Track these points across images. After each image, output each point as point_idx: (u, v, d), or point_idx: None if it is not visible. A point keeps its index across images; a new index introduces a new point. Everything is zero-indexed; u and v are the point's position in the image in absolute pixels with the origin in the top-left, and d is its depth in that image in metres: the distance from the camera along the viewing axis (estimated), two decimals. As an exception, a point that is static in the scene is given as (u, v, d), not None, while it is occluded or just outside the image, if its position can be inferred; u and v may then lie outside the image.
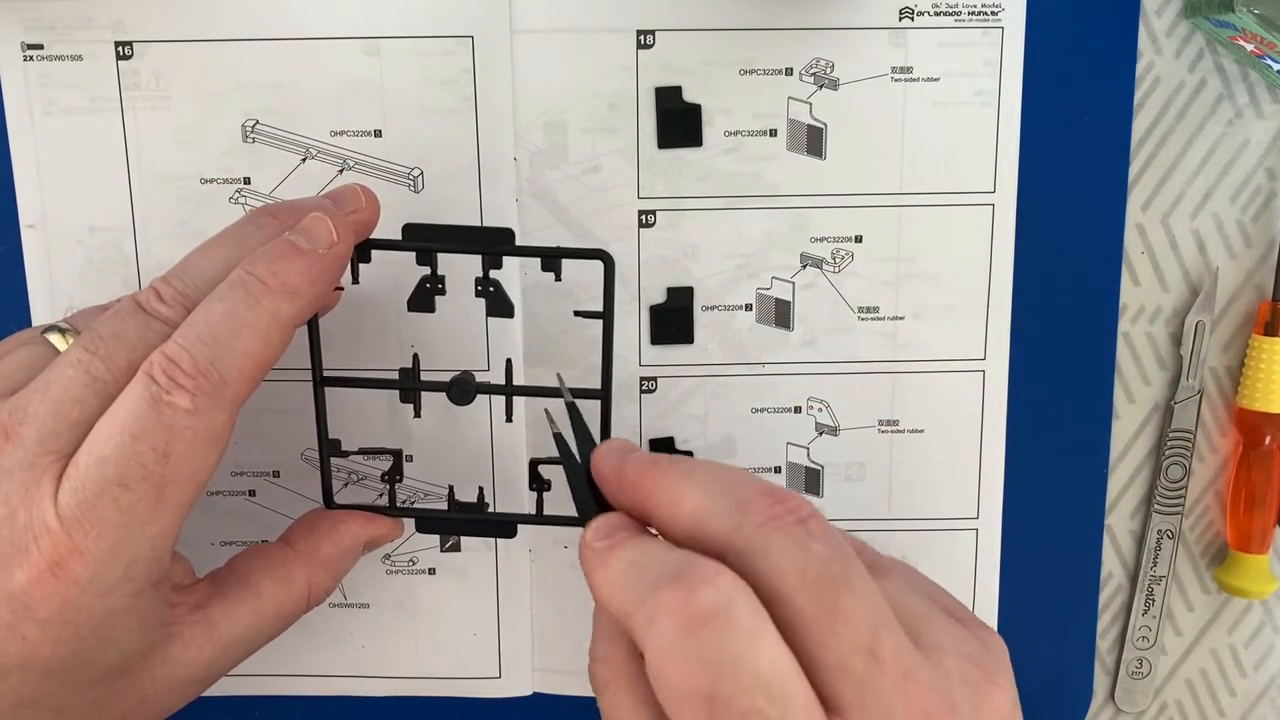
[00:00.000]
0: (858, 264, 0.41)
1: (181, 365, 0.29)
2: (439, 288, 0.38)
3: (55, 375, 0.30)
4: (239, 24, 0.39)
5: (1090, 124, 0.40)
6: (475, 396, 0.37)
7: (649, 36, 0.39)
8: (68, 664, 0.29)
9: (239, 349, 0.30)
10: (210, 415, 0.30)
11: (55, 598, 0.29)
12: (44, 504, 0.29)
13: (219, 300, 0.31)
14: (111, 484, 0.29)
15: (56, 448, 0.29)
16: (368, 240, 0.35)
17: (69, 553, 0.28)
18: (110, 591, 0.29)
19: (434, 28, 0.39)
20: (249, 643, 0.34)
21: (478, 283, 0.38)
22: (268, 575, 0.35)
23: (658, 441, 0.42)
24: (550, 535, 0.43)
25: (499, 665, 0.44)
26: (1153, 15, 0.40)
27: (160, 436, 0.29)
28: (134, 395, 0.29)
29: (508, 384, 0.38)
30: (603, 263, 0.35)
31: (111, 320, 0.31)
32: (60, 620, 0.29)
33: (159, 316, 0.31)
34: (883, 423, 0.42)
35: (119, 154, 0.40)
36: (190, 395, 0.29)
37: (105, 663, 0.30)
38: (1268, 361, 0.42)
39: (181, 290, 0.32)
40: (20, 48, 0.39)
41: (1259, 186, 0.42)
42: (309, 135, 0.40)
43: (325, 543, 0.36)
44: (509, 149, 0.40)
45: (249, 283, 0.31)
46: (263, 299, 0.31)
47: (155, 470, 0.29)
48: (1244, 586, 0.43)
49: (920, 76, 0.40)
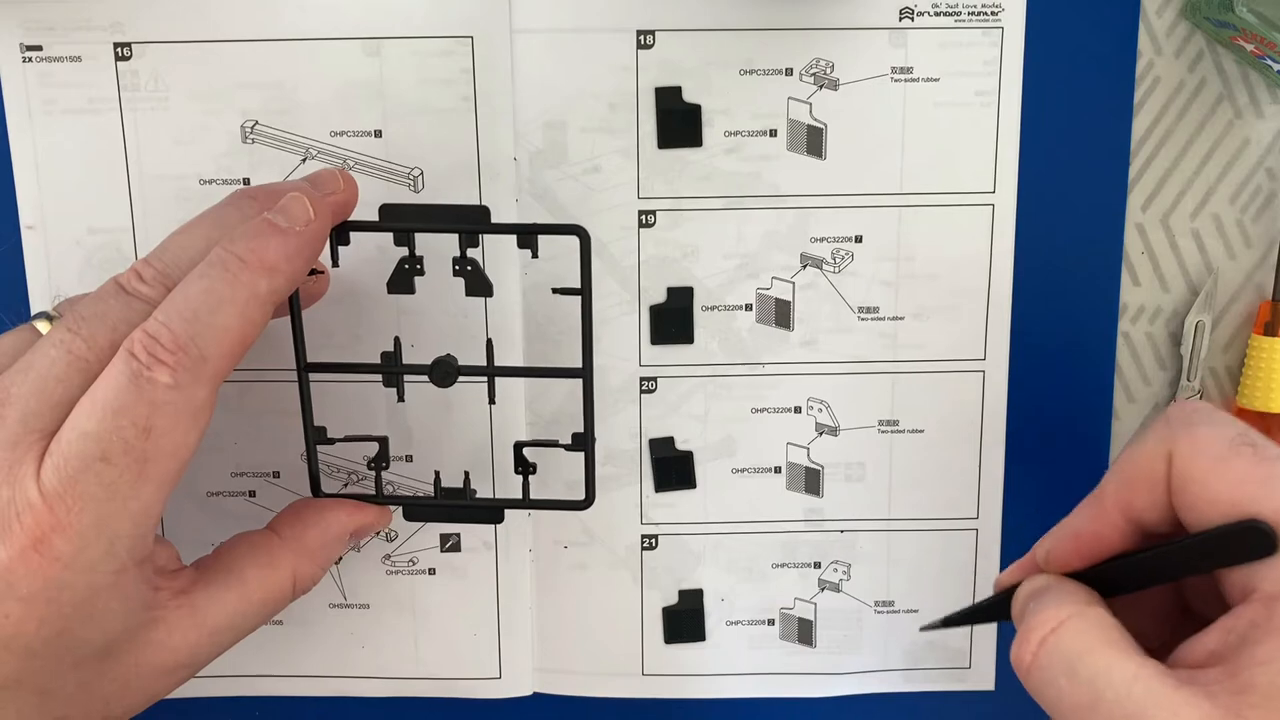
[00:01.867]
0: (858, 264, 0.41)
1: (162, 341, 0.29)
2: (418, 268, 0.38)
3: (38, 356, 0.30)
4: (238, 24, 0.39)
5: (1090, 124, 0.40)
6: (457, 378, 0.37)
7: (649, 36, 0.39)
8: (51, 643, 0.30)
9: (218, 325, 0.30)
10: (191, 390, 0.30)
11: (38, 574, 0.29)
12: (27, 480, 0.29)
13: (198, 278, 0.31)
14: (94, 459, 0.29)
15: (39, 426, 0.29)
16: (346, 222, 0.36)
17: (52, 528, 0.29)
18: (93, 568, 0.29)
19: (434, 28, 0.39)
20: (235, 629, 0.34)
21: (455, 262, 0.38)
22: (253, 562, 0.35)
23: (658, 441, 0.42)
24: (550, 535, 0.43)
25: (499, 665, 0.44)
26: (1153, 15, 0.40)
27: (141, 412, 0.29)
28: (115, 372, 0.29)
29: (489, 365, 0.38)
30: (578, 238, 0.35)
31: (93, 301, 0.31)
32: (44, 597, 0.29)
33: (140, 296, 0.31)
34: (883, 423, 0.42)
35: (118, 154, 0.40)
36: (171, 371, 0.29)
37: (89, 643, 0.30)
38: (1268, 361, 0.42)
39: (162, 270, 0.32)
40: (19, 49, 0.39)
41: (1259, 186, 0.42)
42: (309, 135, 0.39)
43: (312, 530, 0.37)
44: (509, 149, 0.40)
45: (228, 260, 0.31)
46: (241, 276, 0.31)
47: (137, 445, 0.29)
48: (1244, 586, 0.43)
49: (920, 76, 0.40)
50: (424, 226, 0.36)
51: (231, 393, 0.41)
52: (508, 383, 0.41)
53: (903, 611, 0.43)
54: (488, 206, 0.39)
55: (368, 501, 0.38)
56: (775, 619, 0.44)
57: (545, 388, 0.41)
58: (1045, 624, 0.29)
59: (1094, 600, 0.30)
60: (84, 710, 0.31)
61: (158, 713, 0.43)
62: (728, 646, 0.44)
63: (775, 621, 0.44)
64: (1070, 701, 0.28)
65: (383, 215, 0.37)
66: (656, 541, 0.43)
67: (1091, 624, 0.29)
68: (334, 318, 0.40)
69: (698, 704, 0.44)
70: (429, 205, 0.37)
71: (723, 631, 0.44)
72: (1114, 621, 0.29)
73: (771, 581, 0.43)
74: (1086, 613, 0.29)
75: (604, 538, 0.43)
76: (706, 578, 0.43)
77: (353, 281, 0.40)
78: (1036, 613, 0.30)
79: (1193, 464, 0.28)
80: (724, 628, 0.44)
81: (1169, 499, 0.29)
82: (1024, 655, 0.29)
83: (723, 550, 0.43)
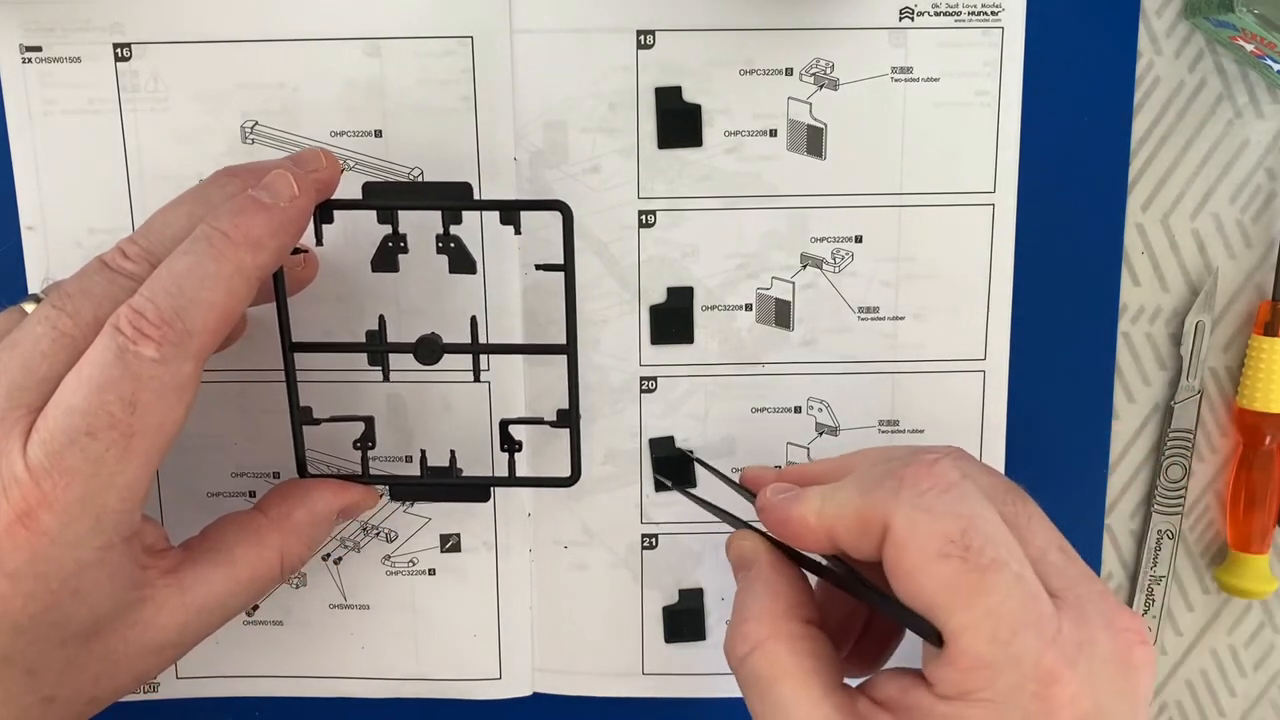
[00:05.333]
0: (858, 264, 0.41)
1: (147, 316, 0.30)
2: (401, 246, 0.38)
3: (24, 333, 0.30)
4: (238, 25, 0.39)
5: (1090, 124, 0.40)
6: (442, 356, 0.37)
7: (649, 36, 0.39)
8: (38, 619, 0.30)
9: (204, 300, 0.31)
10: (176, 365, 0.30)
11: (24, 549, 0.29)
12: (13, 455, 0.29)
13: (183, 254, 0.31)
14: (80, 433, 0.29)
15: (25, 401, 0.29)
16: (329, 200, 0.36)
17: (38, 503, 0.29)
18: (80, 543, 0.29)
19: (434, 28, 0.39)
20: (223, 608, 0.34)
21: (439, 239, 0.38)
22: (241, 541, 0.35)
23: (658, 441, 0.42)
24: (550, 535, 0.43)
25: (499, 665, 0.44)
26: (1153, 15, 0.40)
27: (127, 386, 0.29)
28: (101, 347, 0.30)
29: (474, 343, 0.38)
30: (561, 214, 0.36)
31: (78, 279, 0.31)
32: (30, 573, 0.29)
33: (124, 272, 0.31)
34: (883, 423, 0.42)
35: (118, 155, 0.40)
36: (156, 345, 0.30)
37: (77, 620, 0.30)
38: (1268, 361, 0.42)
39: (146, 248, 0.32)
40: (19, 50, 0.39)
41: (1259, 186, 0.42)
42: (309, 135, 0.39)
43: (298, 510, 0.37)
44: (509, 149, 0.40)
45: (213, 236, 0.31)
46: (226, 251, 0.31)
47: (123, 420, 0.29)
48: (1244, 586, 0.43)
49: (920, 76, 0.40)
50: (406, 204, 0.37)
51: (231, 393, 0.41)
52: (506, 375, 0.41)
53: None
54: (469, 183, 0.39)
55: (353, 481, 0.38)
56: (775, 619, 0.44)
57: (544, 380, 0.41)
58: (746, 640, 0.31)
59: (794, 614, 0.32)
60: (72, 689, 0.31)
61: (158, 713, 0.43)
62: (728, 646, 0.44)
63: (775, 621, 0.44)
64: (757, 715, 0.31)
65: (366, 194, 0.37)
66: (657, 541, 0.43)
67: (784, 650, 0.31)
68: (326, 308, 0.40)
69: (698, 703, 0.44)
70: (412, 182, 0.38)
71: (723, 631, 0.44)
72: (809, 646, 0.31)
73: (771, 581, 0.43)
74: (781, 635, 0.31)
75: (604, 537, 0.43)
76: (707, 577, 0.43)
77: (344, 270, 0.40)
78: (741, 621, 0.32)
79: (904, 552, 0.29)
80: (724, 627, 0.44)
81: (877, 552, 0.30)
82: (731, 661, 0.32)
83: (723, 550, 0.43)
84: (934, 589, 0.28)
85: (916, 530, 0.29)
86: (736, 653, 0.32)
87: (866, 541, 0.30)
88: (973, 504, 0.29)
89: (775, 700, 0.30)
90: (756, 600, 0.32)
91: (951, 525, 0.28)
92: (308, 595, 0.43)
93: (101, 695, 0.32)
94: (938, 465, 0.30)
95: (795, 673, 0.30)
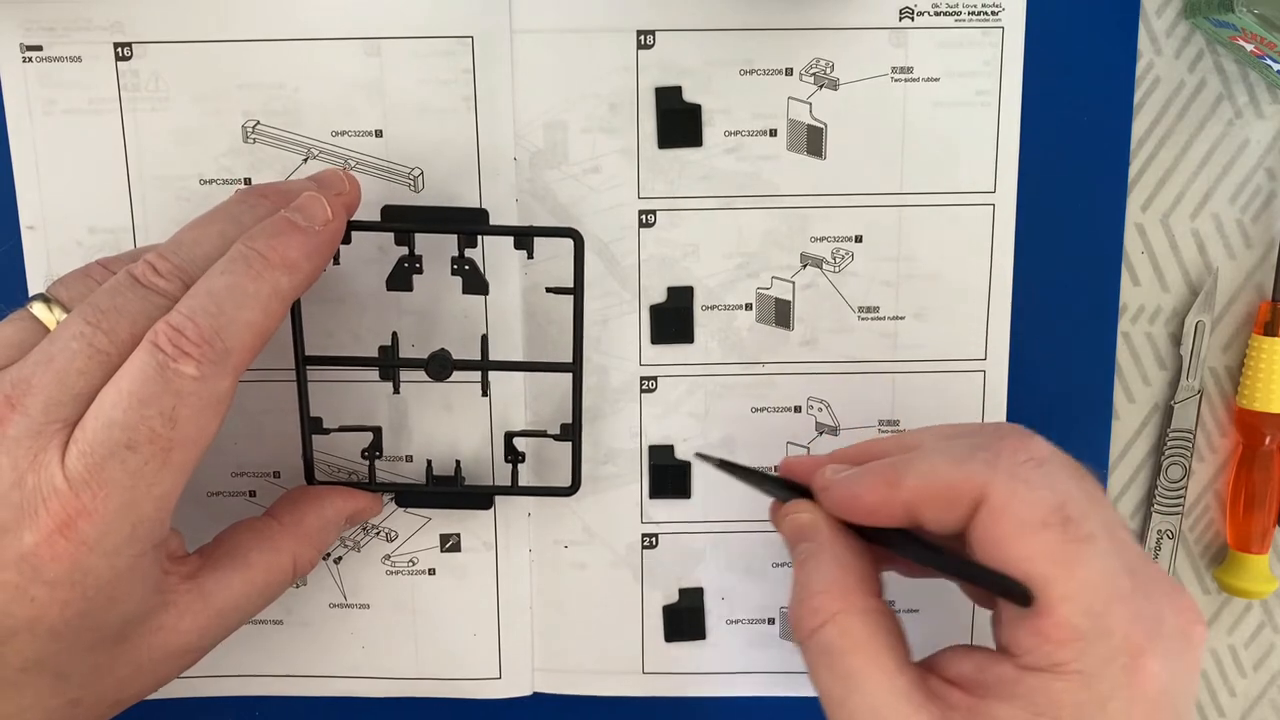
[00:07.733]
0: (858, 264, 0.41)
1: (187, 334, 0.30)
2: (417, 267, 0.39)
3: (58, 348, 0.31)
4: (239, 25, 0.39)
5: (1090, 124, 0.40)
6: (452, 372, 0.39)
7: (649, 36, 0.39)
8: (73, 625, 0.30)
9: (242, 319, 0.31)
10: (215, 382, 0.31)
11: (64, 558, 0.29)
12: (52, 467, 0.29)
13: (221, 274, 0.32)
14: (120, 446, 0.29)
15: (62, 416, 0.30)
16: (350, 221, 0.36)
17: (77, 513, 0.29)
18: (117, 552, 0.30)
19: (434, 28, 0.39)
20: (240, 611, 0.35)
21: (453, 261, 0.39)
22: (255, 546, 0.36)
23: (657, 443, 0.42)
24: (550, 535, 0.43)
25: (499, 665, 0.44)
26: (1153, 15, 0.40)
27: (168, 402, 0.30)
28: (140, 363, 0.30)
29: (484, 359, 0.39)
30: (573, 241, 0.37)
31: (110, 294, 0.32)
32: (68, 581, 0.30)
33: (157, 290, 0.32)
34: (883, 423, 0.42)
35: (119, 155, 0.40)
36: (196, 363, 0.30)
37: (107, 625, 0.31)
38: (1268, 361, 0.42)
39: (179, 265, 0.32)
40: (19, 49, 0.39)
41: (1259, 186, 0.42)
42: (309, 135, 0.40)
43: (309, 515, 0.38)
44: (509, 149, 0.40)
45: (250, 257, 0.32)
46: (264, 272, 0.32)
47: (163, 434, 0.30)
48: (1244, 586, 0.43)
49: (920, 76, 0.40)
50: (424, 227, 0.38)
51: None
52: (508, 386, 0.41)
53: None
54: (486, 209, 0.39)
55: (361, 489, 0.40)
56: (775, 618, 0.44)
57: (545, 390, 0.41)
58: (818, 614, 0.31)
59: (865, 587, 0.32)
60: (97, 693, 0.32)
61: (160, 712, 0.43)
62: (728, 645, 0.44)
63: (775, 620, 0.44)
64: (825, 689, 0.31)
65: (385, 216, 0.39)
66: (657, 540, 0.43)
67: (858, 624, 0.31)
68: (336, 318, 0.40)
69: (698, 702, 0.44)
70: (429, 207, 0.39)
71: (723, 630, 0.44)
72: (882, 621, 0.31)
73: (772, 580, 0.43)
74: (855, 609, 0.31)
75: (604, 537, 0.43)
76: (707, 576, 0.43)
77: (355, 283, 0.40)
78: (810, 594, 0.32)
79: (1001, 519, 0.29)
80: (724, 626, 0.44)
81: (962, 522, 0.30)
82: (799, 634, 0.32)
83: (723, 549, 0.43)
84: (1033, 557, 0.29)
85: (1015, 499, 0.29)
86: (807, 625, 0.31)
87: (952, 512, 0.30)
88: (1066, 478, 0.30)
89: (848, 676, 0.30)
90: (824, 573, 0.32)
91: (1050, 496, 0.29)
92: (308, 595, 0.43)
93: (124, 698, 0.33)
94: (1033, 440, 0.31)
95: (869, 648, 0.30)
